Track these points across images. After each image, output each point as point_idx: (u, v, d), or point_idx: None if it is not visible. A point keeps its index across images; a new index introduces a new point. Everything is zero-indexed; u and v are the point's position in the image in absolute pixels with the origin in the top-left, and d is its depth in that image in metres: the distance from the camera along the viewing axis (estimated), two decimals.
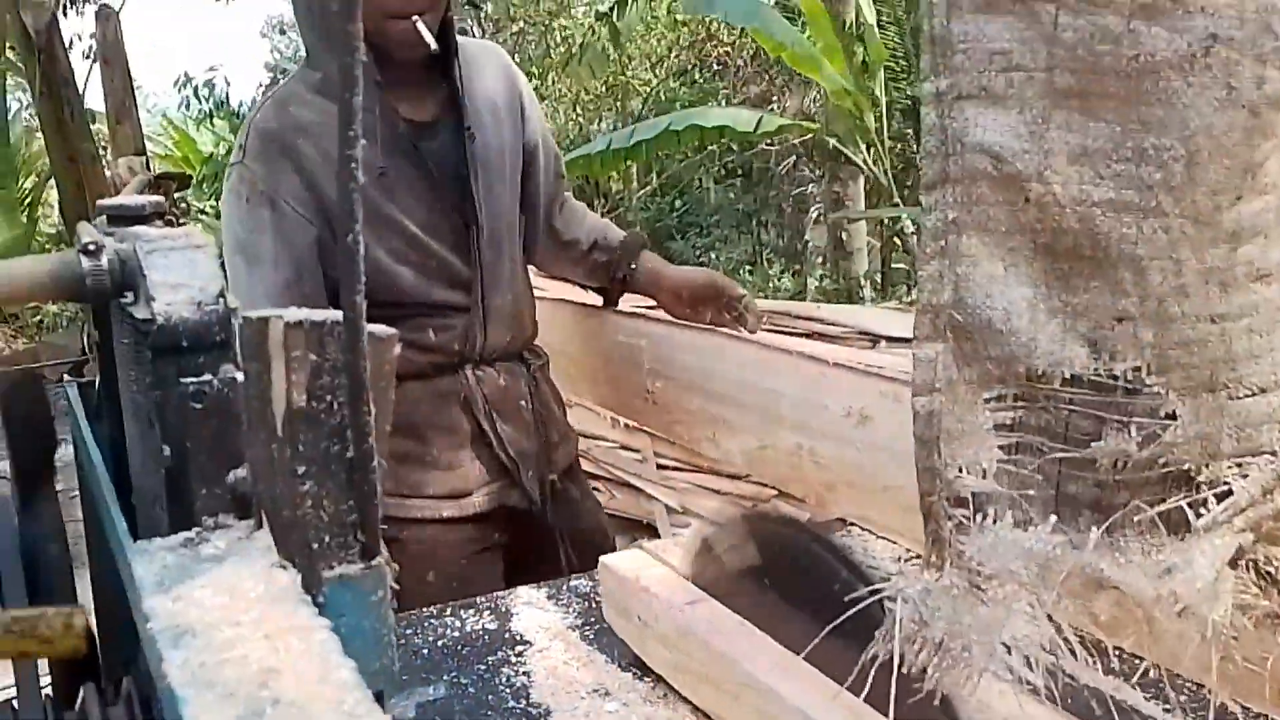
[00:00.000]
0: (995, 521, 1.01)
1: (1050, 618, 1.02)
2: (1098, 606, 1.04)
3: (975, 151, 1.00)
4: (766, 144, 12.81)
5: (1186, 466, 1.03)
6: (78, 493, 1.41)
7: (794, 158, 13.47)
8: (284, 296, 2.06)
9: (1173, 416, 1.02)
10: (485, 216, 2.28)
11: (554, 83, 14.84)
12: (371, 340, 0.99)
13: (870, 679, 1.05)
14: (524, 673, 1.67)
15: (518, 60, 15.37)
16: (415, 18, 2.08)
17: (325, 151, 2.11)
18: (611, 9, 10.92)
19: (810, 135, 10.88)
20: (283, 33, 24.33)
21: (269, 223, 2.11)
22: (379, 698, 0.79)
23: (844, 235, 11.11)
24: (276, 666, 0.75)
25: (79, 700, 1.19)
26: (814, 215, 14.11)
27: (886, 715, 1.01)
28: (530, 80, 2.82)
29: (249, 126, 2.20)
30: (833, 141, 10.16)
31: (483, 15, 13.74)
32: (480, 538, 2.32)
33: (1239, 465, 1.05)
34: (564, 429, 2.53)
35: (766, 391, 2.54)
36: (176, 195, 11.16)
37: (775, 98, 13.78)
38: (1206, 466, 1.04)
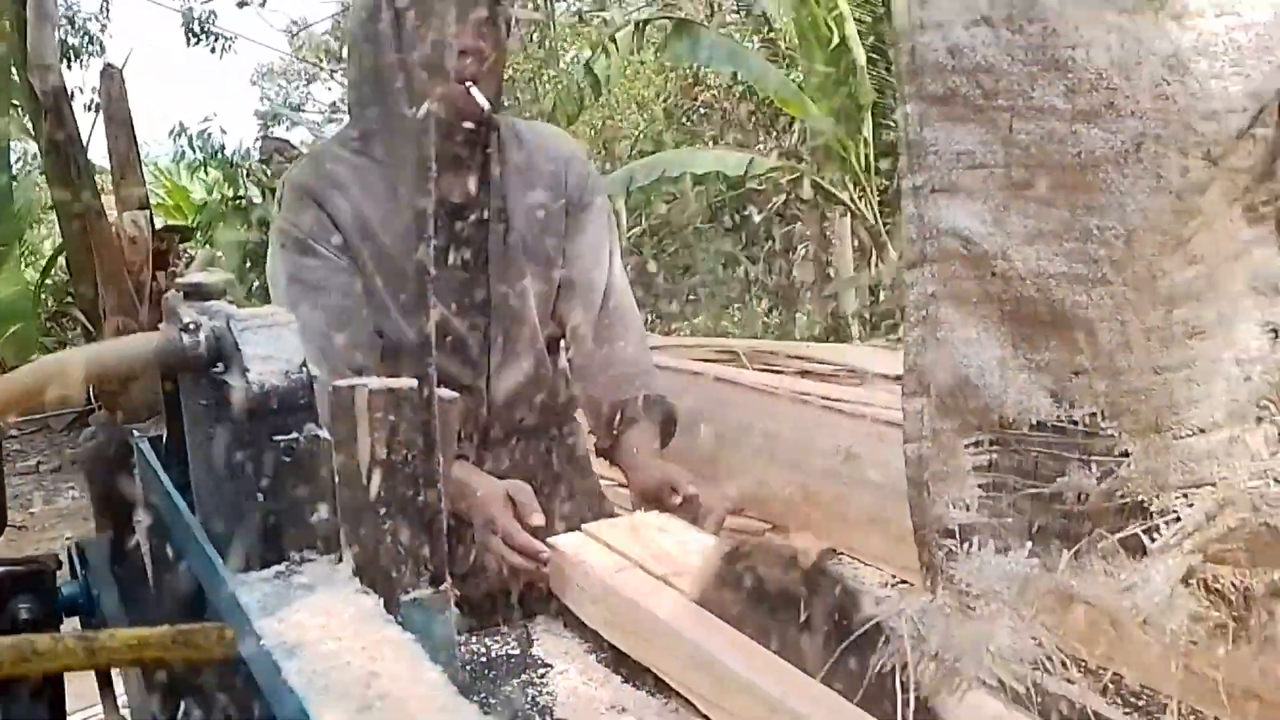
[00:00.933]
0: (979, 549, 1.18)
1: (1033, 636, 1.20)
2: (1070, 621, 1.21)
3: (948, 235, 1.18)
4: (755, 185, 13.04)
5: (1140, 498, 1.20)
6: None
7: (782, 196, 13.72)
8: (335, 324, 2.13)
9: (1126, 455, 1.20)
10: (496, 310, 2.32)
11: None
12: (440, 402, 1.17)
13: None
14: (548, 693, 1.84)
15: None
16: (469, 84, 2.10)
17: (357, 204, 2.19)
18: (591, 58, 11.18)
19: (798, 175, 11.12)
20: (273, 80, 24.62)
21: (310, 265, 2.20)
22: None
23: (831, 273, 11.33)
24: (376, 671, 0.92)
25: (180, 713, 1.35)
26: (801, 253, 14.35)
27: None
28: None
29: (284, 182, 2.28)
30: (820, 180, 10.39)
31: None
32: None
33: (1185, 495, 1.22)
34: (577, 489, 2.58)
35: (763, 433, 2.71)
36: (181, 246, 11.35)
37: (762, 139, 14.03)
38: (1157, 497, 1.21)
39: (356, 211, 2.19)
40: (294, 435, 1.20)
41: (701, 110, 14.28)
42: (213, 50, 16.41)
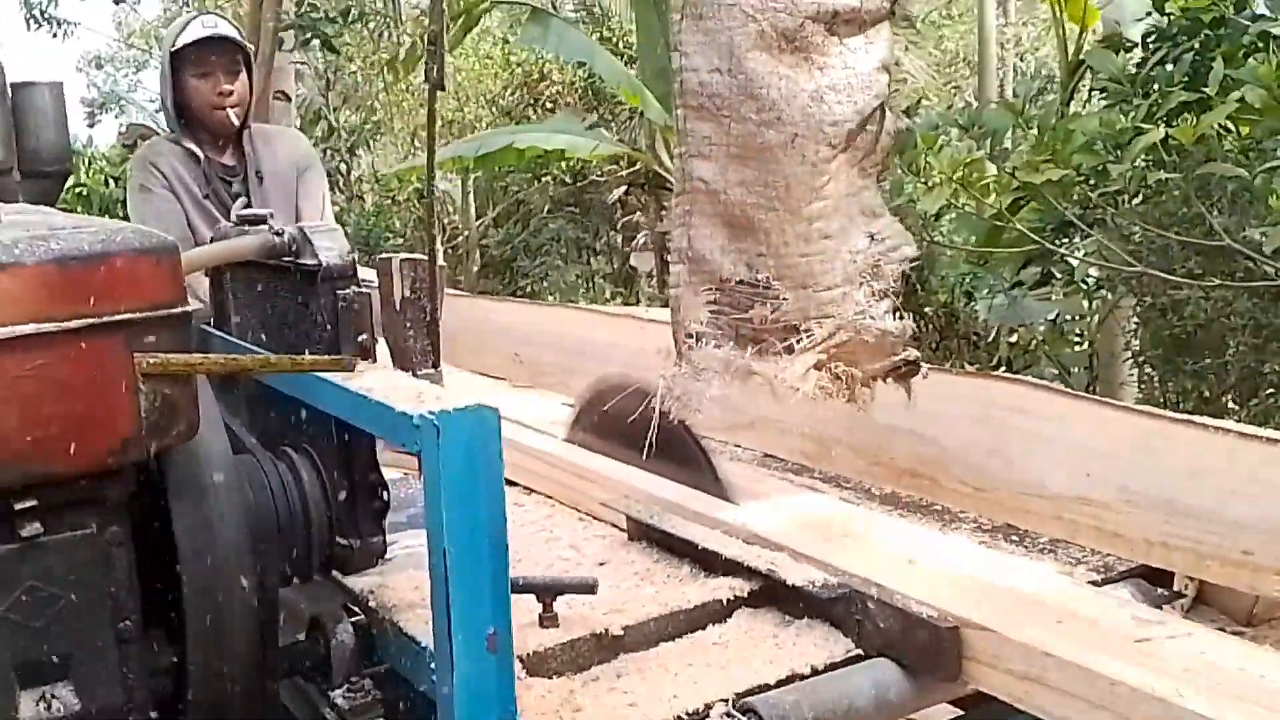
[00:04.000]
0: (705, 345, 2.27)
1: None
2: (750, 385, 2.31)
3: (696, 179, 2.27)
4: (597, 175, 14.09)
5: (793, 322, 2.31)
6: None
7: (624, 188, 14.80)
8: (165, 226, 3.31)
9: (785, 299, 2.30)
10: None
11: (393, 118, 15.97)
12: (433, 267, 2.22)
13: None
14: None
15: (357, 97, 16.21)
16: (229, 110, 3.74)
17: (173, 168, 3.72)
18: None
19: (638, 165, 12.18)
20: (99, 67, 24.78)
21: (152, 197, 3.74)
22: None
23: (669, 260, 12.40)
24: (422, 390, 1.95)
25: None
26: (640, 242, 15.48)
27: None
28: (372, 114, 4.11)
29: (139, 154, 3.94)
30: (659, 170, 11.48)
31: (327, 59, 14.59)
32: None
33: (818, 322, 2.32)
34: None
35: (604, 345, 3.77)
36: None
37: (605, 131, 15.08)
38: (803, 322, 2.31)
39: (173, 172, 3.75)
40: (350, 292, 2.17)
41: (547, 105, 15.24)
42: (54, 35, 16.76)
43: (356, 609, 2.22)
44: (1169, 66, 4.38)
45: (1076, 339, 6.46)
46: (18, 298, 1.59)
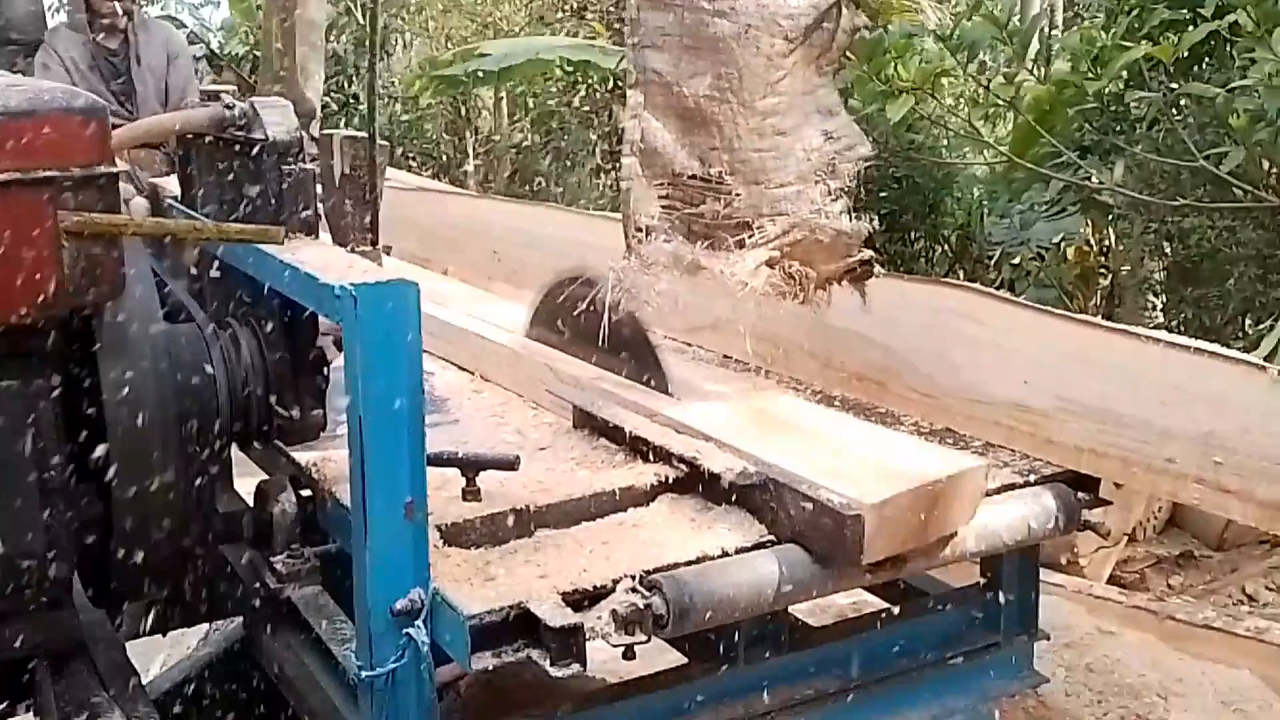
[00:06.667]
0: (655, 239, 2.29)
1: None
2: (698, 280, 2.32)
3: (649, 71, 2.26)
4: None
5: (745, 219, 2.31)
6: None
7: None
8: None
9: (738, 195, 2.30)
10: (139, 97, 5.06)
11: (427, 21, 15.83)
12: (373, 145, 2.24)
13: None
14: None
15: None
16: (115, 4, 5.14)
17: (68, 45, 5.06)
18: None
19: None
20: None
21: (50, 66, 4.99)
22: None
23: None
24: (352, 263, 1.98)
25: None
26: None
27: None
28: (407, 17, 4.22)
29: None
30: None
31: None
32: None
33: (772, 220, 2.33)
34: None
35: (584, 245, 3.77)
36: None
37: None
38: (755, 219, 2.32)
39: (68, 53, 5.03)
40: (296, 165, 2.22)
41: (576, 8, 14.99)
42: None
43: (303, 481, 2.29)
44: None
45: (1076, 264, 6.40)
46: None
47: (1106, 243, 6.46)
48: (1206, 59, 4.31)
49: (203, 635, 3.18)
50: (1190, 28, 4.00)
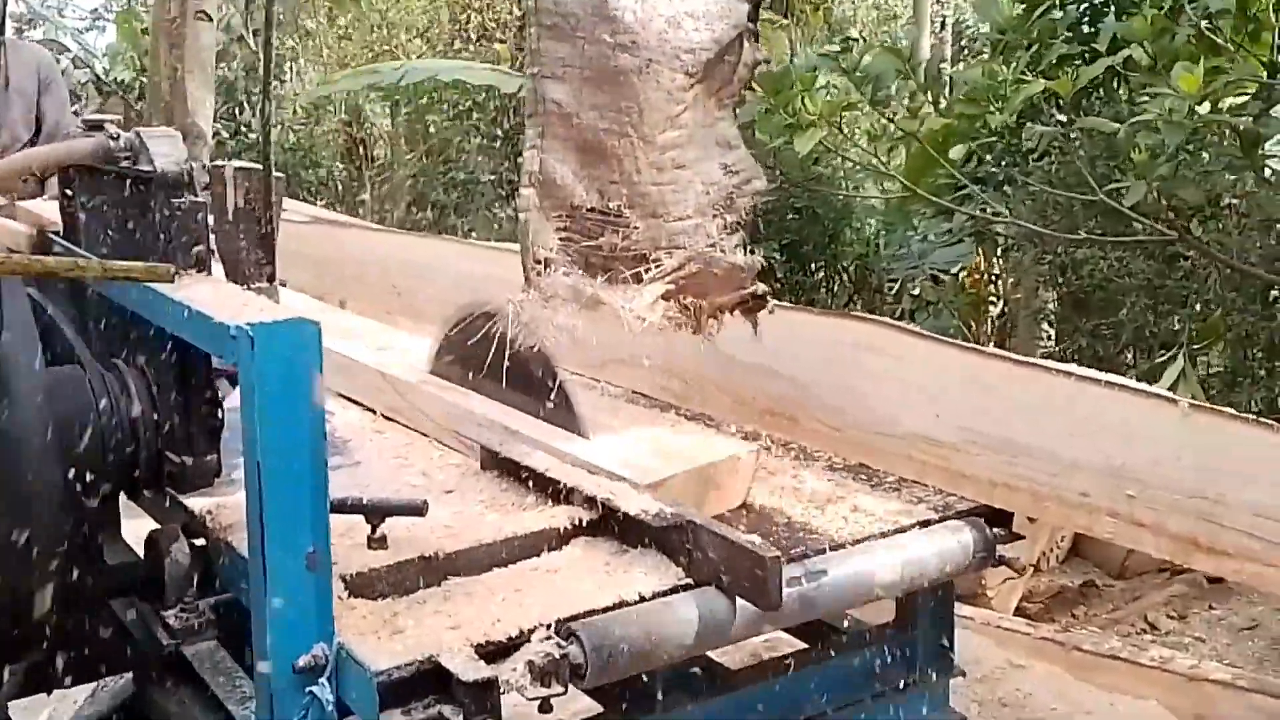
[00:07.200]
0: (554, 271, 2.25)
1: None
2: (598, 315, 2.28)
3: (549, 102, 2.23)
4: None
5: (643, 251, 2.28)
6: None
7: None
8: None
9: (636, 228, 2.27)
10: (5, 120, 4.65)
11: (321, 48, 15.66)
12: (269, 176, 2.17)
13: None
14: None
15: (293, 26, 15.89)
16: None
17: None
18: None
19: None
20: None
21: None
22: None
23: None
24: (247, 302, 1.90)
25: None
26: None
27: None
28: (306, 43, 4.13)
29: None
30: None
31: None
32: None
33: (668, 253, 2.30)
34: None
35: (482, 277, 3.71)
36: None
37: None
38: (652, 252, 2.29)
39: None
40: (186, 199, 2.15)
41: (473, 36, 14.92)
42: None
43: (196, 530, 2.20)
44: (1056, 14, 4.38)
45: (972, 293, 6.51)
46: None
47: (997, 271, 6.58)
48: (1097, 94, 4.40)
49: (89, 693, 3.04)
50: (1083, 63, 4.08)
